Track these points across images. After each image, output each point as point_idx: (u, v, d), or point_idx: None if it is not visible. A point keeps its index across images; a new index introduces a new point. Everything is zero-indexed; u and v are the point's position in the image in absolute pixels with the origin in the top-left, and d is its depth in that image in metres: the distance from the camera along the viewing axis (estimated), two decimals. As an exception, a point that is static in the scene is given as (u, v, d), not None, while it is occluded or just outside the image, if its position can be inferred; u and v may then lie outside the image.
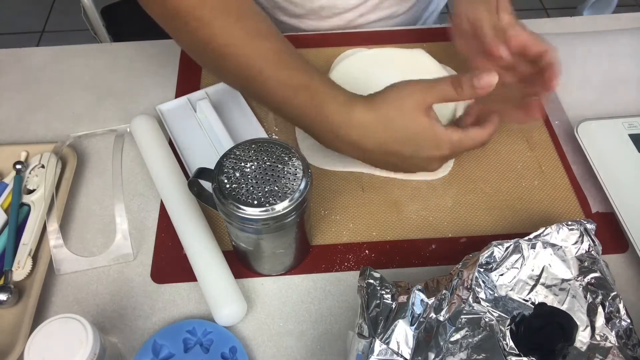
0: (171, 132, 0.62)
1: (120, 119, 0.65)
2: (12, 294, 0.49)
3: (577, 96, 0.66)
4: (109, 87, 0.69)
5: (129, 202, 0.58)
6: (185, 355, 0.47)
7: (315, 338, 0.49)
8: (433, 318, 0.43)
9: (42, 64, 0.71)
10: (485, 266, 0.45)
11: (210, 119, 0.61)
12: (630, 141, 0.59)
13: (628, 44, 0.71)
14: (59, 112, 0.66)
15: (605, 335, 0.43)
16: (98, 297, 0.52)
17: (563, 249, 0.47)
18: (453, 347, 0.42)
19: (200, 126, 0.62)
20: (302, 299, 0.51)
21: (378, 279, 0.44)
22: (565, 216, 0.57)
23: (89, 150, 0.63)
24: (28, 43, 1.92)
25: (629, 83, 0.67)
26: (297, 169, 0.44)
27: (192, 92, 0.66)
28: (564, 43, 0.72)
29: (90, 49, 0.74)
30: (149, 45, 0.73)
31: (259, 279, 0.53)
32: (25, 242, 0.53)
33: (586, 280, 0.46)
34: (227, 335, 0.48)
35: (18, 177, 0.57)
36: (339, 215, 0.57)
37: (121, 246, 0.54)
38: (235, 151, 0.45)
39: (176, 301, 0.51)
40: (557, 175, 0.60)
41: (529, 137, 0.63)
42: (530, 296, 0.45)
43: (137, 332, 0.49)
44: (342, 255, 0.54)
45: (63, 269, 0.53)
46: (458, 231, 0.56)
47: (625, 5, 1.81)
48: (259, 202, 0.42)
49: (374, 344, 0.40)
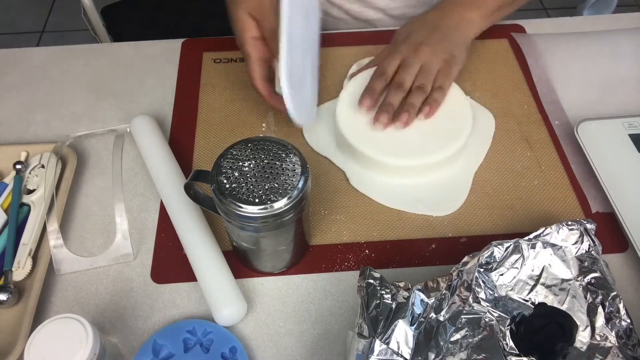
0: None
1: (120, 119, 0.65)
2: (12, 294, 0.49)
3: (577, 96, 0.66)
4: (109, 87, 0.69)
5: (129, 202, 0.58)
6: (185, 355, 0.46)
7: (315, 338, 0.49)
8: (433, 318, 0.43)
9: (42, 64, 0.71)
10: (485, 266, 0.45)
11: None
12: (630, 141, 0.59)
13: (628, 44, 0.71)
14: (59, 112, 0.66)
15: (605, 335, 0.43)
16: (98, 297, 0.52)
17: (563, 249, 0.47)
18: (453, 347, 0.42)
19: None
20: (302, 299, 0.51)
21: (378, 279, 0.44)
22: (565, 216, 0.56)
23: (89, 150, 0.63)
24: (28, 43, 1.92)
25: (629, 83, 0.67)
26: (296, 165, 0.44)
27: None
28: (564, 43, 0.72)
29: (90, 49, 0.74)
30: (149, 45, 0.74)
31: (259, 279, 0.53)
32: (25, 242, 0.53)
33: (586, 280, 0.46)
34: (227, 335, 0.48)
35: (18, 177, 0.57)
36: (339, 215, 0.57)
37: (121, 246, 0.54)
38: (232, 151, 0.45)
39: (176, 301, 0.51)
40: (557, 175, 0.60)
41: (528, 137, 0.63)
42: (530, 296, 0.45)
43: (137, 332, 0.49)
44: (342, 255, 0.54)
45: (63, 269, 0.53)
46: (458, 231, 0.56)
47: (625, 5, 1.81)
48: (260, 200, 0.42)
49: (374, 344, 0.40)
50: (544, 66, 0.69)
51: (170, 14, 1.11)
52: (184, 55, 0.72)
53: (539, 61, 0.70)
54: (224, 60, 0.71)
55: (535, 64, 0.69)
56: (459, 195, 0.58)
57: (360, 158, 0.58)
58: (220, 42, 0.73)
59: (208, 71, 0.70)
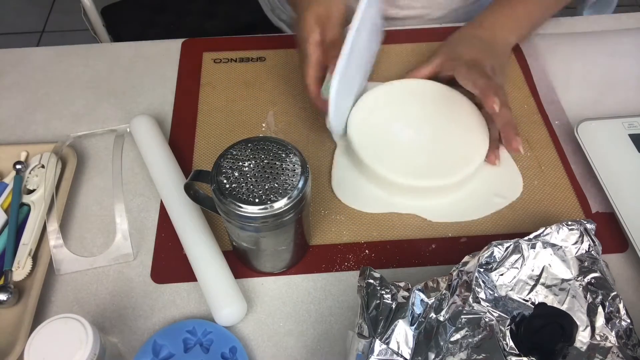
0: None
1: (120, 119, 0.65)
2: (12, 294, 0.49)
3: (577, 96, 0.66)
4: (109, 87, 0.69)
5: (129, 202, 0.58)
6: (185, 355, 0.46)
7: (315, 338, 0.49)
8: (433, 318, 0.43)
9: (42, 64, 0.71)
10: (485, 266, 0.45)
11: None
12: (630, 141, 0.59)
13: (628, 44, 0.71)
14: (59, 112, 0.66)
15: (605, 335, 0.43)
16: (98, 297, 0.52)
17: (563, 249, 0.47)
18: (453, 347, 0.42)
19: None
20: (302, 299, 0.51)
21: (378, 279, 0.44)
22: (565, 216, 0.56)
23: (89, 150, 0.63)
24: (28, 43, 1.92)
25: (629, 83, 0.67)
26: (295, 164, 0.44)
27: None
28: (564, 43, 0.72)
29: (90, 49, 0.74)
30: (149, 45, 0.74)
31: (259, 279, 0.53)
32: (25, 242, 0.53)
33: (586, 280, 0.46)
34: (227, 335, 0.48)
35: (18, 177, 0.57)
36: (339, 215, 0.57)
37: (121, 246, 0.54)
38: (231, 151, 0.45)
39: (176, 301, 0.51)
40: (557, 175, 0.60)
41: (528, 137, 0.63)
42: (530, 296, 0.45)
43: (137, 332, 0.49)
44: (342, 255, 0.54)
45: (63, 269, 0.53)
46: (458, 231, 0.56)
47: (625, 5, 1.81)
48: (260, 200, 0.42)
49: (374, 344, 0.40)
50: (544, 66, 0.69)
51: (170, 14, 1.11)
52: (184, 55, 0.72)
53: (539, 61, 0.70)
54: (224, 60, 0.71)
55: (535, 64, 0.69)
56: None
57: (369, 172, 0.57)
58: (220, 42, 0.73)
59: (208, 71, 0.70)
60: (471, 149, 0.57)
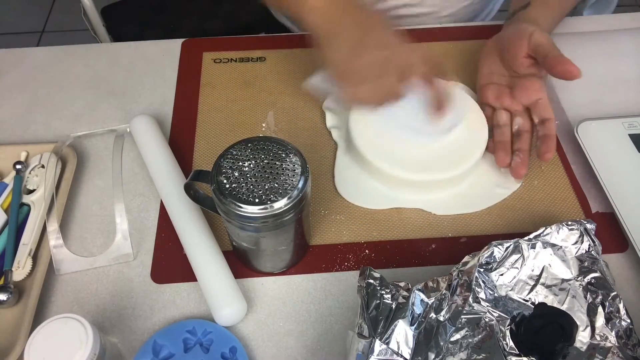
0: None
1: (120, 119, 0.65)
2: (12, 294, 0.49)
3: (577, 96, 0.66)
4: (109, 87, 0.69)
5: (129, 202, 0.58)
6: (185, 355, 0.46)
7: (315, 338, 0.49)
8: (433, 318, 0.43)
9: (42, 64, 0.71)
10: (485, 266, 0.45)
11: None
12: (630, 141, 0.59)
13: (628, 44, 0.71)
14: (59, 112, 0.66)
15: (605, 335, 0.43)
16: (98, 297, 0.52)
17: (563, 249, 0.47)
18: (453, 347, 0.42)
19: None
20: (302, 299, 0.51)
21: (378, 279, 0.44)
22: (565, 216, 0.56)
23: (89, 150, 0.63)
24: (28, 43, 1.92)
25: (629, 83, 0.67)
26: (295, 164, 0.44)
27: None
28: (564, 43, 0.72)
29: (90, 49, 0.74)
30: (149, 45, 0.74)
31: (259, 279, 0.53)
32: (25, 242, 0.53)
33: (586, 280, 0.46)
34: (227, 335, 0.48)
35: (18, 177, 0.57)
36: (339, 215, 0.57)
37: (121, 246, 0.54)
38: (231, 151, 0.45)
39: (176, 301, 0.51)
40: (557, 175, 0.60)
41: (529, 137, 0.63)
42: (530, 296, 0.45)
43: (137, 332, 0.49)
44: (342, 255, 0.54)
45: (63, 269, 0.53)
46: (458, 231, 0.56)
47: (625, 5, 1.81)
48: (260, 200, 0.42)
49: (374, 344, 0.40)
50: (544, 66, 0.69)
51: (170, 14, 1.12)
52: (184, 55, 0.72)
53: (539, 61, 0.70)
54: (224, 60, 0.71)
55: (535, 64, 0.69)
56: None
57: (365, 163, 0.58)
58: (220, 42, 0.73)
59: (208, 71, 0.70)
60: (472, 143, 0.57)
